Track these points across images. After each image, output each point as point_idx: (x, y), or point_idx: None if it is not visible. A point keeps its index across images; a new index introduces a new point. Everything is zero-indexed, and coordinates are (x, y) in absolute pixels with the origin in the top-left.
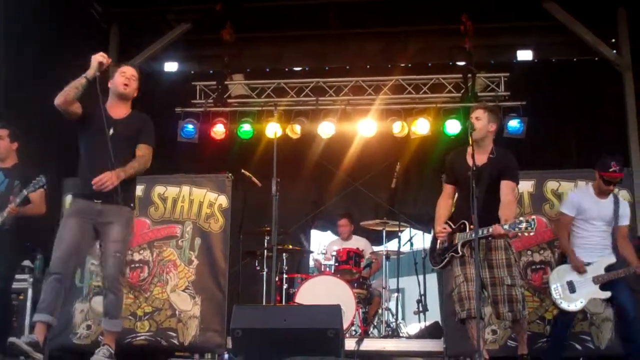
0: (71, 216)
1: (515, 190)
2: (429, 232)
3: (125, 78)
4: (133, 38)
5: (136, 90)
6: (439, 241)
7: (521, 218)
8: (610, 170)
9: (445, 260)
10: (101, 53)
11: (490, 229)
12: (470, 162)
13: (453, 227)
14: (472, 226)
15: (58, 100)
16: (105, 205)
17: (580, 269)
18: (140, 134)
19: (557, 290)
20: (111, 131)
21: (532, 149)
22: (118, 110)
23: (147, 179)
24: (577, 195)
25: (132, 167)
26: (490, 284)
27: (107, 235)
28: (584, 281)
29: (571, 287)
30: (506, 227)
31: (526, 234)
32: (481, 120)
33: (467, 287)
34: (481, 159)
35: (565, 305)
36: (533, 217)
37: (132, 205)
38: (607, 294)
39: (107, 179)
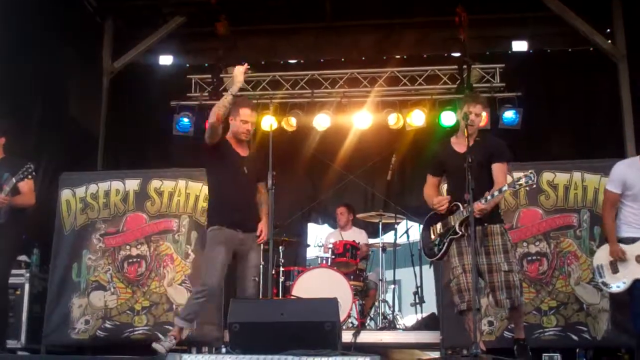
0: (221, 244)
1: (507, 171)
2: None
3: (246, 129)
4: (128, 31)
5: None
6: (432, 230)
7: (518, 175)
8: None
9: (445, 247)
10: (245, 67)
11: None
12: (458, 149)
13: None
14: (465, 205)
15: (212, 118)
16: (246, 234)
17: (617, 255)
18: (261, 174)
19: (600, 270)
20: (245, 170)
21: (527, 140)
22: (242, 148)
23: (143, 174)
24: (621, 169)
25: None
26: (487, 270)
27: (246, 260)
28: (627, 261)
29: (614, 267)
30: (496, 193)
31: (528, 188)
32: (479, 117)
33: (466, 278)
34: (465, 145)
35: (608, 287)
36: (531, 170)
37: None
38: None
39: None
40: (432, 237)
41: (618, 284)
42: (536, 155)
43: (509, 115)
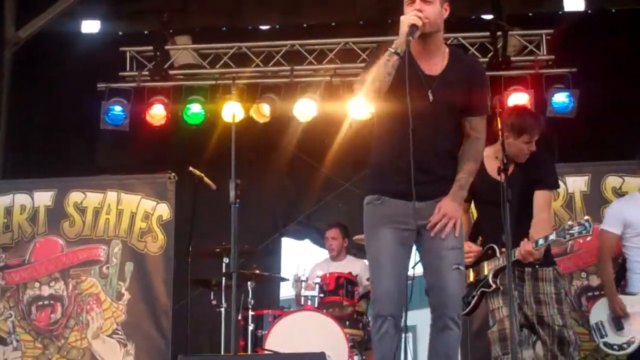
0: (382, 223)
1: (552, 202)
2: None
3: (413, 9)
4: None
5: (439, 21)
6: None
7: (570, 222)
8: None
9: (474, 301)
10: (415, 12)
11: (516, 252)
12: (492, 172)
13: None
14: (503, 249)
15: (366, 95)
16: (426, 202)
17: (619, 312)
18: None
19: (600, 328)
20: (430, 96)
21: (585, 132)
22: (430, 62)
23: (59, 183)
24: (619, 206)
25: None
26: (538, 322)
27: (436, 242)
28: (635, 314)
29: (617, 323)
30: (541, 241)
31: (581, 240)
32: (531, 145)
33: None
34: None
35: (613, 348)
36: (586, 217)
37: None
38: None
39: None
40: None
41: (622, 344)
42: (597, 152)
43: (561, 98)
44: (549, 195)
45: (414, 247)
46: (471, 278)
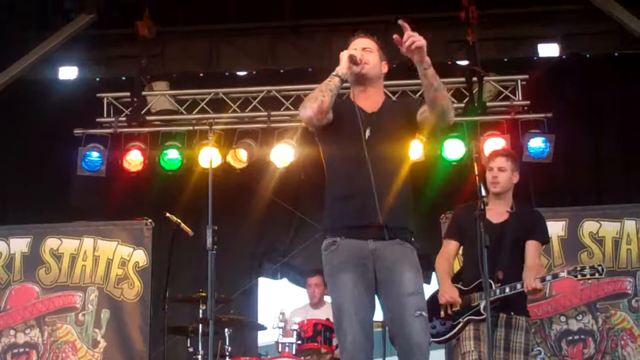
0: (342, 267)
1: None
2: (427, 283)
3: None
4: (16, 33)
5: (378, 67)
6: (442, 307)
7: (581, 264)
8: None
9: (459, 327)
10: (355, 44)
11: (518, 285)
12: (489, 216)
13: (463, 288)
14: (497, 284)
15: (309, 110)
16: (381, 242)
17: None
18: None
19: None
20: (367, 133)
21: (562, 177)
22: (367, 104)
23: (35, 229)
24: None
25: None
26: None
27: (395, 285)
28: None
29: None
30: (548, 277)
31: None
32: (506, 171)
33: None
34: (500, 215)
35: None
36: (600, 264)
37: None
38: None
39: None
40: (442, 313)
41: None
42: (574, 197)
43: (537, 144)
44: (539, 247)
45: None
46: (458, 307)
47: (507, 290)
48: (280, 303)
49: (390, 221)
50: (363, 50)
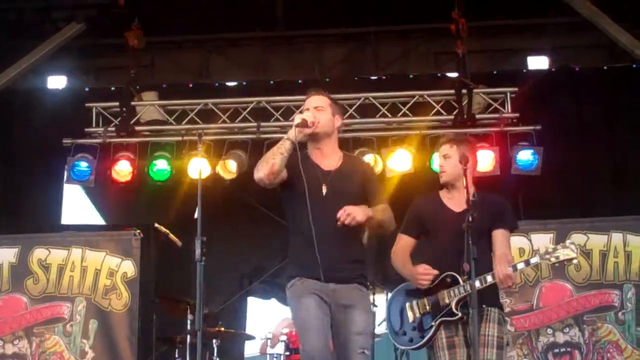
0: (306, 294)
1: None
2: None
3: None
4: (5, 42)
5: (330, 125)
6: (410, 309)
7: (552, 246)
8: None
9: (433, 331)
10: (307, 110)
11: (488, 277)
12: (452, 206)
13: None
14: (464, 277)
15: (260, 172)
16: (340, 285)
17: None
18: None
19: None
20: (324, 189)
21: (550, 189)
22: (325, 160)
23: (23, 240)
24: None
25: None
26: None
27: (347, 323)
28: None
29: None
30: (521, 265)
31: (574, 262)
32: (450, 158)
33: None
34: (461, 201)
35: None
36: (571, 240)
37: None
38: None
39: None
40: (411, 317)
41: None
42: (562, 210)
43: (525, 156)
44: (507, 235)
45: None
46: (427, 308)
47: (477, 284)
48: (268, 323)
49: (345, 272)
50: (315, 109)
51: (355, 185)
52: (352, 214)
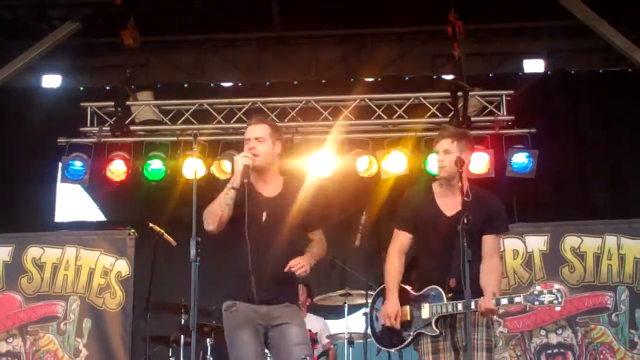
0: (240, 325)
1: (501, 246)
2: None
3: (247, 147)
4: (1, 40)
5: (270, 154)
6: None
7: (539, 288)
8: None
9: (409, 339)
10: (244, 153)
11: (472, 305)
12: (444, 207)
13: (413, 293)
14: (449, 295)
15: (211, 226)
16: (273, 307)
17: None
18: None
19: None
20: (264, 216)
21: (544, 192)
22: (266, 185)
23: (17, 238)
24: None
25: (317, 253)
26: None
27: (285, 337)
28: None
29: None
30: (504, 301)
31: (556, 308)
32: (451, 154)
33: None
34: (454, 205)
35: None
36: (558, 286)
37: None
38: None
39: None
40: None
41: None
42: (556, 212)
43: (520, 159)
44: (498, 241)
45: None
46: (407, 317)
47: (460, 307)
48: None
49: (277, 294)
50: (256, 140)
51: (293, 213)
52: (305, 266)
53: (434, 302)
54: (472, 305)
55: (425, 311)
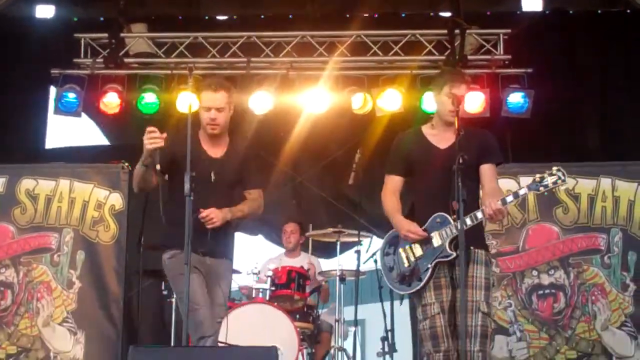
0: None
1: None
2: None
3: (209, 117)
4: None
5: (228, 121)
6: (404, 254)
7: (539, 175)
8: None
9: (428, 274)
10: (150, 131)
11: (479, 214)
12: (437, 143)
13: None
14: (454, 217)
15: (136, 189)
16: (214, 260)
17: None
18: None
19: None
20: (212, 176)
21: (540, 133)
22: (214, 147)
23: (10, 169)
24: None
25: (240, 209)
26: (461, 308)
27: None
28: None
29: None
30: (509, 198)
31: (563, 187)
32: (463, 100)
33: (444, 320)
34: (447, 140)
35: None
36: (556, 167)
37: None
38: None
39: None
40: (406, 263)
41: None
42: (551, 154)
43: (516, 99)
44: (494, 170)
45: None
46: (421, 251)
47: (468, 221)
48: (255, 258)
49: (220, 247)
50: (217, 111)
51: (235, 173)
52: (213, 218)
53: (442, 227)
54: (479, 215)
55: (436, 239)
